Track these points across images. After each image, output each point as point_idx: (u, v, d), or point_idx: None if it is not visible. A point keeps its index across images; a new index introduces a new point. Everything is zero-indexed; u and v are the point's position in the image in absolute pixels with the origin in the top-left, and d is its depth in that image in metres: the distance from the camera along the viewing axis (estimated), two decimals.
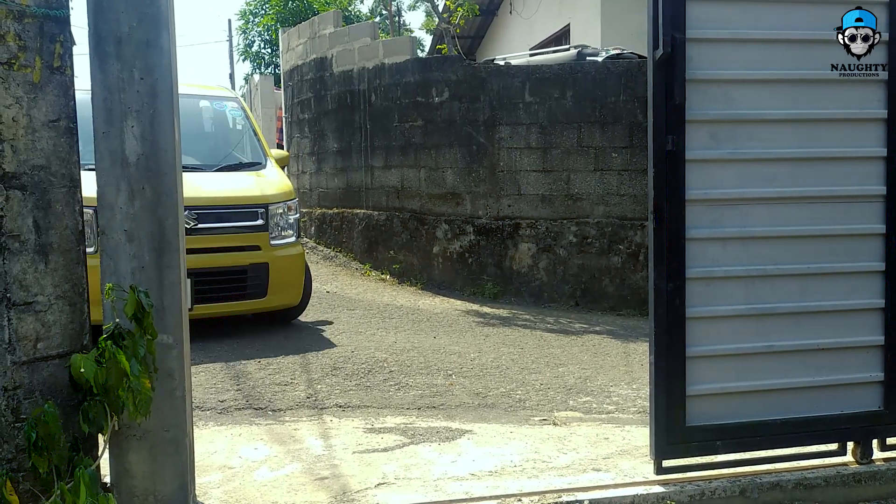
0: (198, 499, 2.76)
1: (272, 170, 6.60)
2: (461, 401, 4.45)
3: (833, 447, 3.10)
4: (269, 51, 29.18)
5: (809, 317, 3.03)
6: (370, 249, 9.41)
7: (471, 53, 19.19)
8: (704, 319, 2.94)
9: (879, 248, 3.05)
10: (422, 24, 31.41)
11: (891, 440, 3.15)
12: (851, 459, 3.11)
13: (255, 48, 30.14)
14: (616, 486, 2.93)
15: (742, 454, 3.02)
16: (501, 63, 8.59)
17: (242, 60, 31.77)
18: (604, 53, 8.20)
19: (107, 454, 2.46)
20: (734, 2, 2.90)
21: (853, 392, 3.08)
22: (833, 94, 2.99)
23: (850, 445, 3.11)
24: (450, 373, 5.08)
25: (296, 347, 5.67)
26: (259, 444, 3.56)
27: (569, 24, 13.05)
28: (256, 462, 3.32)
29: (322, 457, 3.41)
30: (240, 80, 32.87)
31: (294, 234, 6.20)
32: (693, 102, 2.86)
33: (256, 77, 22.05)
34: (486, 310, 7.44)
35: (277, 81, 18.25)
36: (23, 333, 2.23)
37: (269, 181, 6.35)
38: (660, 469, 2.96)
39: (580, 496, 2.83)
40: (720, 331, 2.97)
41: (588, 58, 8.08)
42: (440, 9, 11.38)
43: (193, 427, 2.79)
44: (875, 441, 3.12)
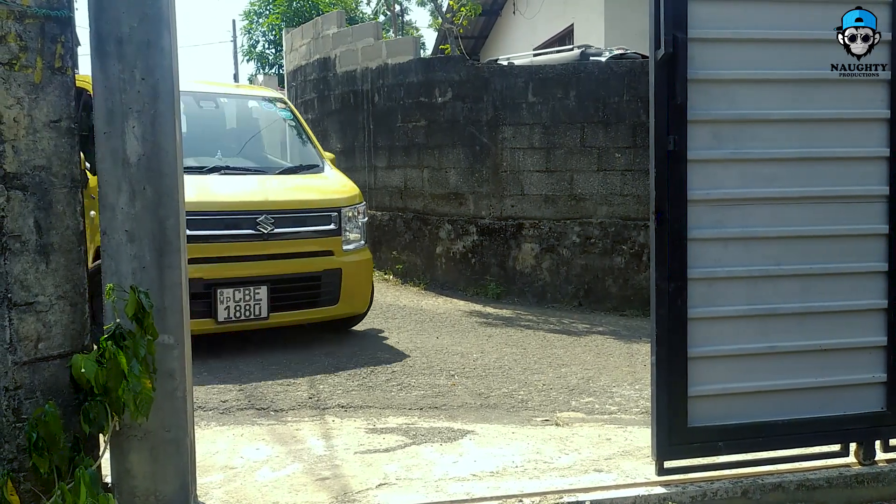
0: (199, 499, 2.76)
1: (331, 172, 6.40)
2: (463, 401, 4.45)
3: (835, 448, 3.09)
4: (274, 51, 29.20)
5: (812, 317, 3.02)
6: (373, 249, 9.36)
7: (474, 54, 19.18)
8: (706, 320, 2.93)
9: (882, 249, 3.04)
10: (430, 24, 31.46)
11: (894, 441, 3.15)
12: (854, 460, 3.10)
13: (260, 48, 30.15)
14: (617, 487, 2.93)
15: (744, 455, 3.02)
16: (505, 63, 8.58)
17: (246, 61, 31.82)
18: (607, 53, 8.18)
19: (108, 454, 2.46)
20: (735, 2, 2.90)
21: (856, 393, 3.07)
22: (834, 94, 2.98)
23: (853, 446, 3.10)
24: (452, 373, 5.08)
25: (298, 348, 5.68)
26: (261, 445, 3.57)
27: (572, 24, 13.04)
28: (258, 462, 3.32)
29: (324, 457, 3.41)
30: (244, 81, 32.87)
31: (363, 239, 5.99)
32: (695, 102, 2.85)
33: (260, 77, 22.10)
34: (489, 310, 7.44)
35: (281, 82, 18.26)
36: (24, 333, 2.24)
37: (336, 184, 6.15)
38: (661, 470, 2.96)
39: (581, 497, 2.83)
40: (722, 331, 2.96)
41: (591, 58, 8.06)
42: (443, 9, 11.38)
43: (195, 427, 2.79)
44: (878, 442, 3.12)
